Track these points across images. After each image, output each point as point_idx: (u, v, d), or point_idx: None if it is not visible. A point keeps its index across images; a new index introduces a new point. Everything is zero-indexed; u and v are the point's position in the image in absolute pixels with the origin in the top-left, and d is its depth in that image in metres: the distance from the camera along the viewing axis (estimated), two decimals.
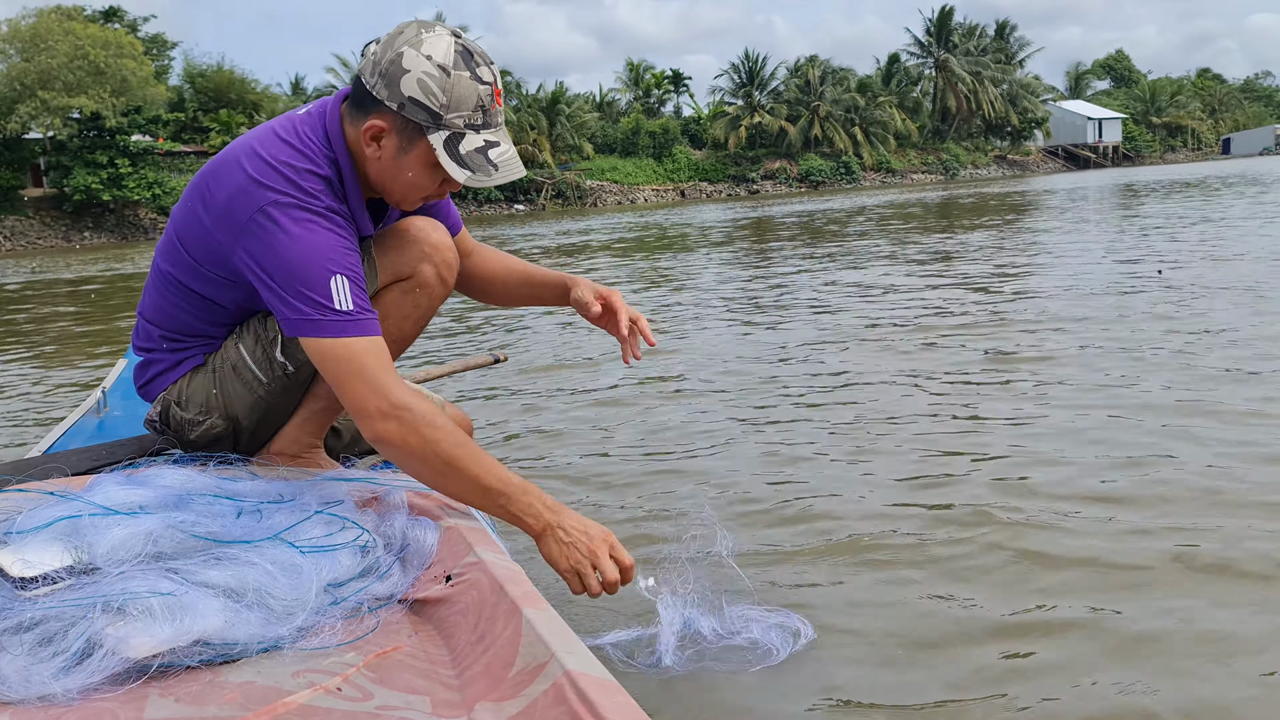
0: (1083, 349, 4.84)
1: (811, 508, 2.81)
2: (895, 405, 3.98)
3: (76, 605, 1.05)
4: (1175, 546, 2.38)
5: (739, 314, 7.17)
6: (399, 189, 1.79)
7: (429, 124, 1.71)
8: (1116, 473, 2.93)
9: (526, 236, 24.10)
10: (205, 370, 1.94)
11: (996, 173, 64.42)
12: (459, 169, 1.73)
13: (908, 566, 2.37)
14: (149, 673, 1.07)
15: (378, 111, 1.72)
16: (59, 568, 1.13)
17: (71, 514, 1.16)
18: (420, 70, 1.68)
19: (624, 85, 69.25)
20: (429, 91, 1.69)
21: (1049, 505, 2.70)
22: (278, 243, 1.65)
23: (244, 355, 1.90)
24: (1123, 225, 13.41)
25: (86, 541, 1.15)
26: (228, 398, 1.91)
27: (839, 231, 16.50)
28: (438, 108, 1.70)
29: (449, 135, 1.72)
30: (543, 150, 51.58)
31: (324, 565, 1.23)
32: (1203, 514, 2.57)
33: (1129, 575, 2.26)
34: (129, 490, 1.29)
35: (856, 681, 1.86)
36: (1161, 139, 79.68)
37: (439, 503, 1.66)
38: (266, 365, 1.89)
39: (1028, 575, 2.29)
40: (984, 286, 7.56)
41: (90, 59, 39.52)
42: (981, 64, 65.41)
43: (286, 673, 1.11)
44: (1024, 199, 24.68)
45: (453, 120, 1.71)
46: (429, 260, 1.91)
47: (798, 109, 60.00)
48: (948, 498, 2.84)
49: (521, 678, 1.08)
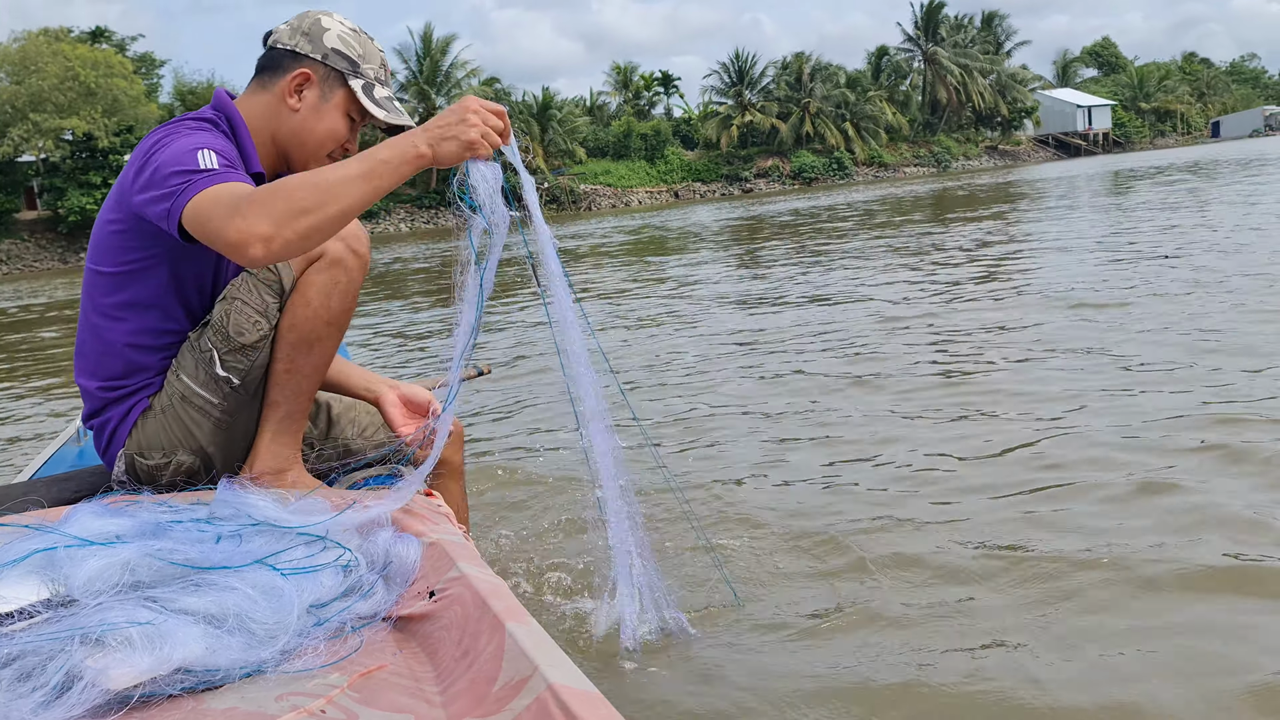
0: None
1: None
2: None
3: (54, 639, 1.03)
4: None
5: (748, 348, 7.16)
6: (315, 139, 1.96)
7: (349, 71, 1.95)
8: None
9: (520, 243, 24.05)
10: (154, 413, 1.93)
11: (988, 164, 64.41)
12: (377, 108, 1.97)
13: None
14: (130, 703, 1.06)
15: (300, 64, 1.94)
16: (35, 601, 1.12)
17: (47, 546, 1.15)
18: (338, 29, 1.97)
19: (613, 88, 69.26)
20: (348, 44, 1.96)
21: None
22: (157, 152, 1.75)
23: (188, 383, 1.90)
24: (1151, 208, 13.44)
25: (63, 574, 1.14)
26: (186, 431, 1.91)
27: (852, 229, 16.52)
28: (356, 58, 1.96)
29: (364, 83, 1.97)
30: (535, 156, 51.55)
31: (306, 586, 1.22)
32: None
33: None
34: (105, 520, 1.28)
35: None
36: (1151, 124, 79.64)
37: (422, 518, 1.65)
38: (213, 385, 1.89)
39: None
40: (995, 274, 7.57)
41: (81, 80, 39.55)
42: (970, 55, 65.39)
43: (270, 696, 1.10)
44: (1031, 188, 24.69)
45: (366, 71, 1.98)
46: (339, 237, 1.89)
47: (788, 106, 60.00)
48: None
49: (505, 693, 1.07)
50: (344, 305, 1.93)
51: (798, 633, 2.10)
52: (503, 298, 9.55)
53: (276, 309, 1.89)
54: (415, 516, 1.65)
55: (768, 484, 3.16)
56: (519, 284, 9.97)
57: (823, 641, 2.06)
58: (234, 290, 1.90)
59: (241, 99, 1.99)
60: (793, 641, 2.07)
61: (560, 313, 1.83)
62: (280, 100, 1.95)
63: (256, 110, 1.97)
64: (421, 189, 49.49)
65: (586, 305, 8.65)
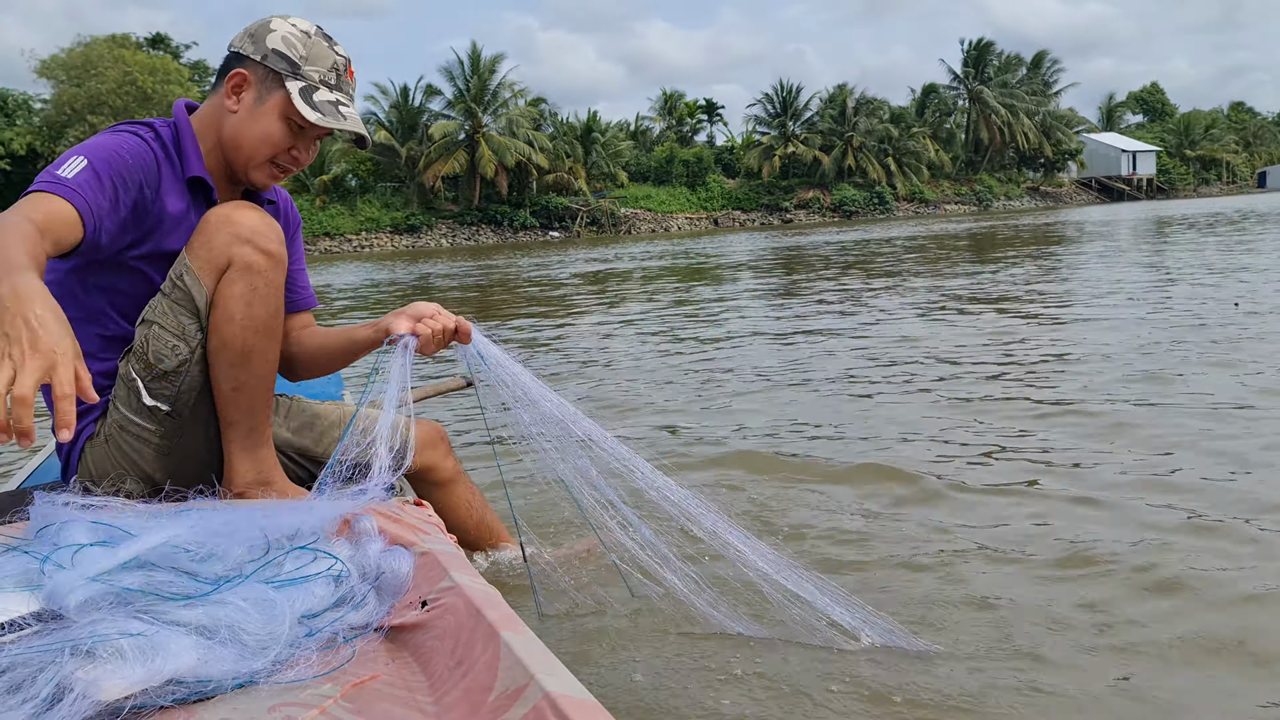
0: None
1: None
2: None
3: (44, 651, 1.04)
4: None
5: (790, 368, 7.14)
6: (250, 143, 1.90)
7: (287, 72, 1.88)
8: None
9: (560, 262, 24.21)
10: (99, 440, 1.87)
11: (1029, 204, 64.04)
12: (311, 110, 1.87)
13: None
14: (122, 715, 1.06)
15: (241, 66, 1.90)
16: (25, 614, 1.12)
17: (40, 571, 1.13)
18: (285, 31, 1.90)
19: (657, 114, 69.65)
20: (291, 45, 1.89)
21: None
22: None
23: (124, 412, 1.84)
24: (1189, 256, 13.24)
25: (54, 586, 1.13)
26: (130, 460, 1.86)
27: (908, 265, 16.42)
28: (297, 58, 1.89)
29: (304, 85, 1.89)
30: (578, 178, 51.90)
31: (297, 597, 1.22)
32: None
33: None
34: (97, 537, 1.25)
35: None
36: (1195, 172, 78.86)
37: (413, 528, 1.65)
38: (146, 413, 1.82)
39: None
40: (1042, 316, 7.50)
41: (139, 85, 40.34)
42: (1016, 95, 65.17)
43: (263, 707, 1.10)
44: (1078, 230, 24.29)
45: (309, 73, 1.90)
46: (239, 241, 1.79)
47: (831, 139, 60.05)
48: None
49: (501, 702, 1.07)
50: (269, 309, 1.83)
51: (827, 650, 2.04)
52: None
53: (195, 330, 1.81)
54: (407, 527, 1.65)
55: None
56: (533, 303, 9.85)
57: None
58: (149, 313, 1.83)
59: (201, 106, 1.97)
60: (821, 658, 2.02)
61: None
62: (221, 102, 1.92)
63: (207, 115, 1.94)
64: (464, 205, 49.97)
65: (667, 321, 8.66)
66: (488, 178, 49.04)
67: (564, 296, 13.08)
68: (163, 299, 1.81)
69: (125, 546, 1.22)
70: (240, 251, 1.78)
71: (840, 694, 1.86)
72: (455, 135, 49.24)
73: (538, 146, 49.36)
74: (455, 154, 48.77)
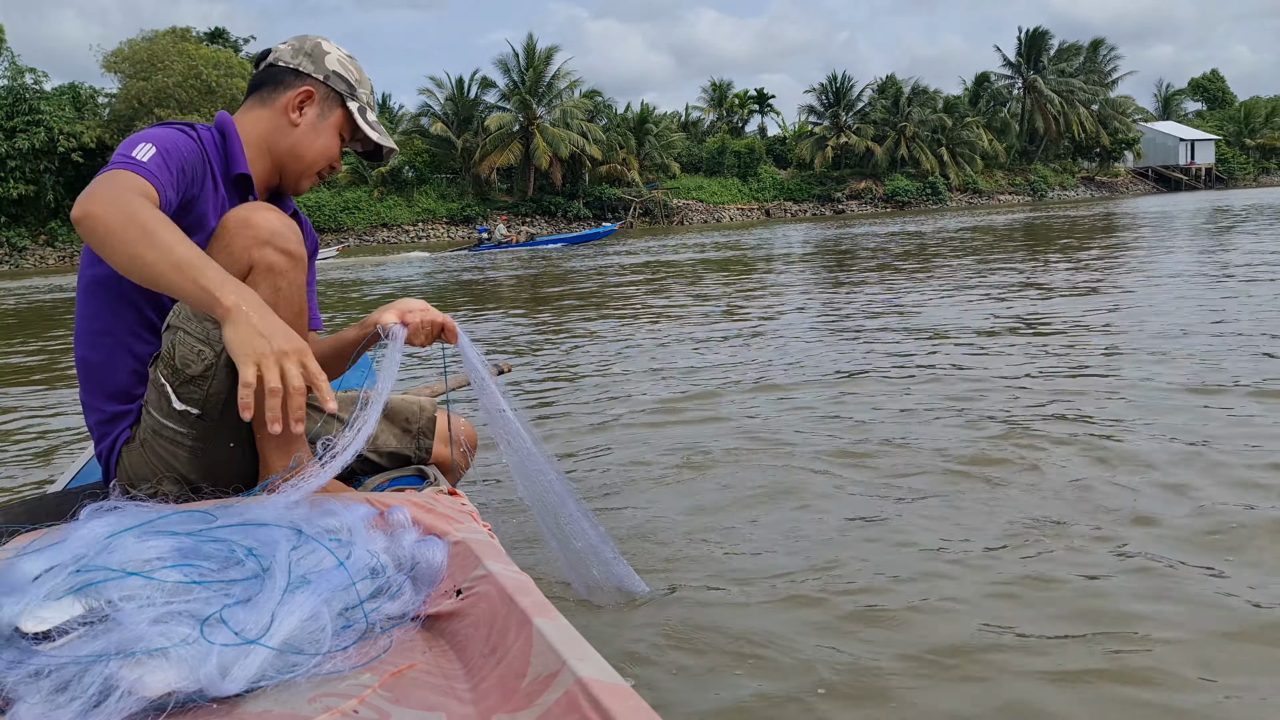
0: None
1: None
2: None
3: (92, 660, 1.06)
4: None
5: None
6: (312, 154, 2.06)
7: (347, 94, 2.09)
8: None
9: (618, 251, 24.22)
10: (134, 444, 1.89)
11: (1085, 194, 62.76)
12: (371, 130, 2.11)
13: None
14: (167, 709, 1.08)
15: (305, 83, 2.05)
16: (72, 618, 1.14)
17: (87, 582, 1.15)
18: (337, 54, 2.11)
19: (708, 105, 69.26)
20: (347, 69, 2.10)
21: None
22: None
23: (157, 417, 1.85)
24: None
25: (98, 588, 1.16)
26: (166, 462, 1.87)
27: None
28: (353, 81, 2.10)
29: (359, 106, 2.10)
30: (631, 169, 51.88)
31: (336, 591, 1.24)
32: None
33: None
34: (144, 542, 1.25)
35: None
36: (1255, 161, 76.57)
37: (446, 518, 1.66)
38: (178, 418, 1.82)
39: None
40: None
41: (203, 78, 40.97)
42: (1072, 85, 63.77)
43: (303, 699, 1.12)
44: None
45: (361, 95, 2.11)
46: (259, 244, 1.78)
47: (884, 129, 59.31)
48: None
49: (534, 687, 1.07)
50: (293, 310, 1.83)
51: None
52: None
53: (219, 334, 1.71)
54: (440, 517, 1.66)
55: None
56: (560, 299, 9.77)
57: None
58: (174, 318, 1.82)
59: (238, 114, 2.06)
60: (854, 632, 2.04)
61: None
62: (280, 115, 2.04)
63: (252, 123, 2.04)
64: (519, 196, 50.20)
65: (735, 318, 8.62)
66: (542, 169, 49.14)
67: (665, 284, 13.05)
68: (185, 304, 1.77)
69: (163, 542, 1.26)
70: (261, 254, 1.78)
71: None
72: (510, 127, 49.37)
73: (591, 138, 49.40)
74: (510, 145, 48.94)
